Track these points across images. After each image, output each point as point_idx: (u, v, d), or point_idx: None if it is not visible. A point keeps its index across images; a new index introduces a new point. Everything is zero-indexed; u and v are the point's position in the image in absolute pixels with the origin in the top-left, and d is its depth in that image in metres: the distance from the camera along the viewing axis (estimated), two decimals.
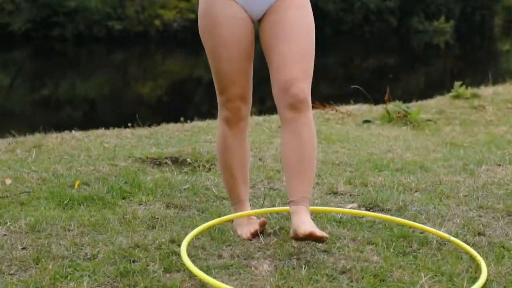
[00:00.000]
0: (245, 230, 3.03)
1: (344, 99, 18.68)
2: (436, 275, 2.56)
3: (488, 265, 2.64)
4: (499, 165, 4.52)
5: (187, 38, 29.03)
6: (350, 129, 6.37)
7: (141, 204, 3.51)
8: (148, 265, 2.64)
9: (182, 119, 6.72)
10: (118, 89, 21.06)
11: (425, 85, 22.03)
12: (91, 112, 17.51)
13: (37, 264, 2.65)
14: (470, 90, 8.56)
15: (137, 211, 3.34)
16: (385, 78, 21.70)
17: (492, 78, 9.78)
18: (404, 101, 7.80)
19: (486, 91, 9.00)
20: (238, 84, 3.05)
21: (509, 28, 39.43)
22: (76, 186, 3.76)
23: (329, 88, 21.22)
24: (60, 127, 14.91)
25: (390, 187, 3.84)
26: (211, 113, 6.89)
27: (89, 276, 2.54)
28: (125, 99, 19.13)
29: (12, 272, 2.61)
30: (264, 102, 17.76)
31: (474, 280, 2.53)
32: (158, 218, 3.23)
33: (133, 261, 2.68)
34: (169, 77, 23.48)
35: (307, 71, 3.06)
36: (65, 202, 3.47)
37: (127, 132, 6.11)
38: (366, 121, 7.05)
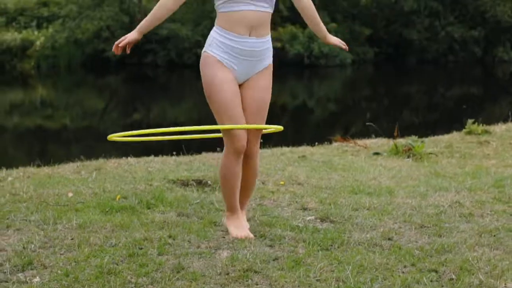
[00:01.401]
0: (240, 233, 4.36)
1: (427, 126, 19.41)
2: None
3: (382, 258, 3.87)
4: (457, 191, 5.65)
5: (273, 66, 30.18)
6: (357, 160, 7.50)
7: (159, 212, 4.84)
8: (148, 250, 3.97)
9: (218, 149, 7.80)
10: (205, 114, 21.94)
11: (510, 116, 22.30)
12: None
13: (79, 248, 4.01)
14: (482, 127, 9.35)
15: (155, 217, 4.66)
16: (469, 107, 22.20)
17: None
18: (420, 136, 8.74)
19: (499, 127, 9.81)
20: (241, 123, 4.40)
21: None
22: (117, 199, 5.13)
23: (412, 116, 21.77)
24: (149, 150, 16.13)
25: (347, 206, 5.07)
26: None
27: (109, 256, 3.86)
28: (212, 123, 20.19)
29: (62, 252, 3.97)
30: (296, 136, 18.66)
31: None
32: (167, 222, 4.55)
33: (140, 248, 4.01)
34: None
35: (259, 135, 4.52)
36: (107, 210, 4.85)
37: (171, 159, 7.47)
38: (376, 153, 8.04)
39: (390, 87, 28.85)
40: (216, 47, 4.35)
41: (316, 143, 8.99)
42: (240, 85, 4.42)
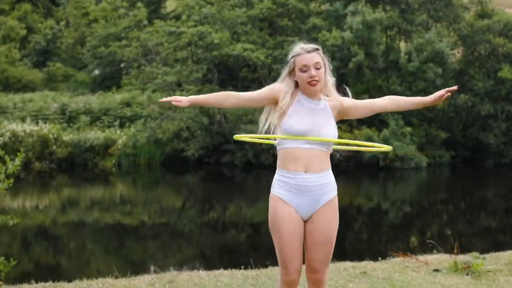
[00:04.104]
0: None
1: (505, 231, 19.20)
2: None
3: None
4: None
5: (348, 167, 30.42)
6: (416, 277, 7.57)
7: None
8: None
9: None
10: None
11: None
12: (255, 235, 18.50)
13: None
14: None
15: None
16: None
17: None
18: (482, 252, 8.72)
19: None
20: (295, 260, 4.66)
21: None
22: None
23: (489, 220, 21.63)
24: (225, 249, 16.35)
25: None
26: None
27: None
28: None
29: None
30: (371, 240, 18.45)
31: None
32: None
33: None
34: None
35: (327, 263, 4.77)
36: None
37: (238, 273, 7.74)
38: (435, 270, 8.02)
39: (467, 190, 28.67)
40: (278, 187, 4.68)
41: (380, 258, 9.06)
42: (306, 221, 4.71)
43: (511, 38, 35.86)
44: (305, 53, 4.74)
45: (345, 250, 14.10)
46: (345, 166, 30.90)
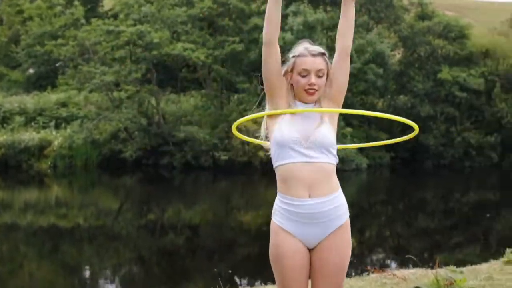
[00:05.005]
0: None
1: (443, 232, 19.18)
2: None
3: None
4: None
5: None
6: None
7: None
8: None
9: None
10: (221, 217, 21.81)
11: None
12: (194, 238, 18.24)
13: None
14: None
15: None
16: (484, 216, 22.00)
17: None
18: (458, 266, 8.41)
19: None
20: None
21: None
22: None
23: (428, 221, 21.63)
24: (163, 251, 16.08)
25: None
26: None
27: None
28: (227, 227, 19.89)
29: None
30: None
31: None
32: None
33: None
34: (270, 207, 24.01)
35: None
36: None
37: None
38: None
39: (406, 191, 28.72)
40: (279, 214, 4.09)
41: (353, 274, 8.72)
42: (312, 249, 4.09)
43: (451, 40, 36.16)
44: (308, 56, 4.14)
45: None
46: None
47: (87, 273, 14.09)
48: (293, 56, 4.19)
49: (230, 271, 14.21)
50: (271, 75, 4.17)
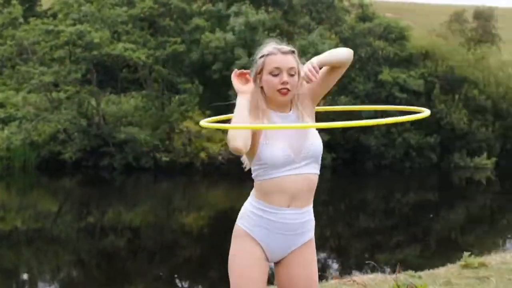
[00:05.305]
0: None
1: (383, 232, 19.30)
2: None
3: None
4: None
5: (231, 170, 29.95)
6: None
7: None
8: None
9: None
10: (162, 218, 21.73)
11: (464, 221, 22.38)
12: (135, 240, 18.21)
13: None
14: (477, 259, 8.86)
15: None
16: (425, 216, 22.24)
17: None
18: (416, 270, 8.43)
19: (494, 259, 9.33)
20: None
21: None
22: None
23: (368, 221, 21.79)
24: (102, 254, 15.92)
25: None
26: None
27: None
28: (168, 228, 19.85)
29: None
30: None
31: None
32: None
33: None
34: (212, 209, 24.23)
35: None
36: None
37: None
38: None
39: (347, 192, 28.89)
40: (248, 219, 3.86)
41: None
42: (277, 263, 3.93)
43: (391, 42, 36.48)
44: (279, 54, 3.87)
45: None
46: (226, 169, 30.80)
47: (25, 277, 13.89)
48: (262, 56, 3.91)
49: (171, 274, 14.13)
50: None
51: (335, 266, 15.34)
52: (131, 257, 16.03)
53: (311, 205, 3.92)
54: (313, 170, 3.89)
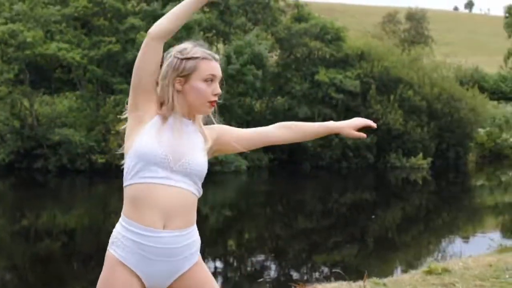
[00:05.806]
0: None
1: (321, 232, 19.30)
2: None
3: None
4: None
5: None
6: None
7: None
8: None
9: None
10: (98, 221, 21.48)
11: (401, 221, 22.56)
12: (70, 243, 17.97)
13: None
14: (441, 265, 8.88)
15: None
16: (362, 216, 22.38)
17: (467, 214, 10.35)
18: (380, 276, 8.40)
19: (457, 264, 9.31)
20: None
21: (482, 163, 40.30)
22: None
23: (306, 222, 21.78)
24: (37, 258, 15.56)
25: None
26: None
27: None
28: (104, 231, 19.57)
29: None
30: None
31: None
32: None
33: None
34: None
35: None
36: None
37: None
38: None
39: (284, 193, 28.87)
40: (122, 246, 3.24)
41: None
42: None
43: (327, 42, 36.63)
44: (213, 60, 3.41)
45: None
46: None
47: None
48: (193, 58, 3.35)
49: None
50: (148, 74, 3.30)
51: (273, 267, 15.29)
52: (66, 261, 15.79)
53: (194, 225, 3.37)
54: (193, 189, 3.32)
